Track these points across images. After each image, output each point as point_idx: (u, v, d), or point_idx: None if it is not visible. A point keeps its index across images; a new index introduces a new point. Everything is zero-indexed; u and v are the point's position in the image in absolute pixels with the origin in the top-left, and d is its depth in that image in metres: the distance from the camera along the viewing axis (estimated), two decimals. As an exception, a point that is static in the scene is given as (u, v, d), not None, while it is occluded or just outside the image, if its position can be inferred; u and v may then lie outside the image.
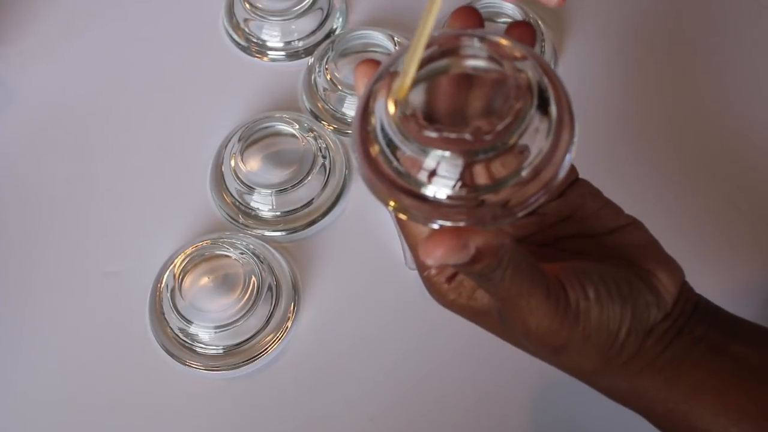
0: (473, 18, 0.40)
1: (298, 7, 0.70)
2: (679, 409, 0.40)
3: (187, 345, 0.58)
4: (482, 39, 0.36)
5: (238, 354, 0.59)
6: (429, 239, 0.35)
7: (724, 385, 0.40)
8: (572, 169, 0.43)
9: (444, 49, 0.36)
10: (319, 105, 0.67)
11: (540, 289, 0.38)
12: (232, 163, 0.63)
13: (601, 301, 0.39)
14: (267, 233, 0.63)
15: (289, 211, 0.63)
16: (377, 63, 0.38)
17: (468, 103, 0.36)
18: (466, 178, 0.34)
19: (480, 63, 0.36)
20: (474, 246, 0.35)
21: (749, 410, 0.40)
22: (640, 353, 0.40)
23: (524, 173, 0.34)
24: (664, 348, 0.40)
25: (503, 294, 0.38)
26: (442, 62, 0.36)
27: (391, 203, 0.35)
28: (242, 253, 0.59)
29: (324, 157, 0.64)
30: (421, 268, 0.42)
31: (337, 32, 0.71)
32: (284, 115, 0.65)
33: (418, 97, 0.35)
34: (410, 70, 0.35)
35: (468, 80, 0.36)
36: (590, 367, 0.40)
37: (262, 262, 0.59)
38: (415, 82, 0.35)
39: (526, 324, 0.38)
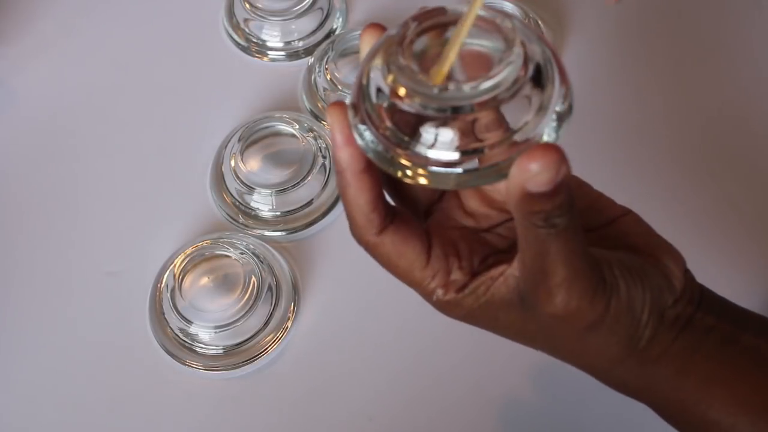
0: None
1: (298, 7, 0.70)
2: (690, 399, 0.40)
3: (187, 345, 0.58)
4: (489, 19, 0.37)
5: (238, 354, 0.59)
6: (522, 157, 0.34)
7: (736, 375, 0.40)
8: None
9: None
10: (319, 105, 0.67)
11: (585, 256, 0.37)
12: (232, 163, 0.63)
13: (627, 280, 0.39)
14: (267, 233, 0.63)
15: (289, 211, 0.63)
16: (383, 28, 0.39)
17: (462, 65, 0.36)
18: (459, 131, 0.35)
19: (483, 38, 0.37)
20: (563, 172, 0.34)
21: (759, 401, 0.40)
22: (655, 339, 0.40)
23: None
24: (676, 336, 0.40)
25: (553, 249, 0.36)
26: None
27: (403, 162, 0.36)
28: (242, 253, 0.59)
29: (324, 157, 0.64)
30: (428, 294, 0.41)
31: (337, 32, 0.71)
32: (284, 115, 0.65)
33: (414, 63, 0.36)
34: (450, 56, 0.36)
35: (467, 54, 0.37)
36: (614, 353, 0.40)
37: (262, 262, 0.59)
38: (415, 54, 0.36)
39: (558, 298, 0.37)
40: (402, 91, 0.35)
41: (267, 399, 0.58)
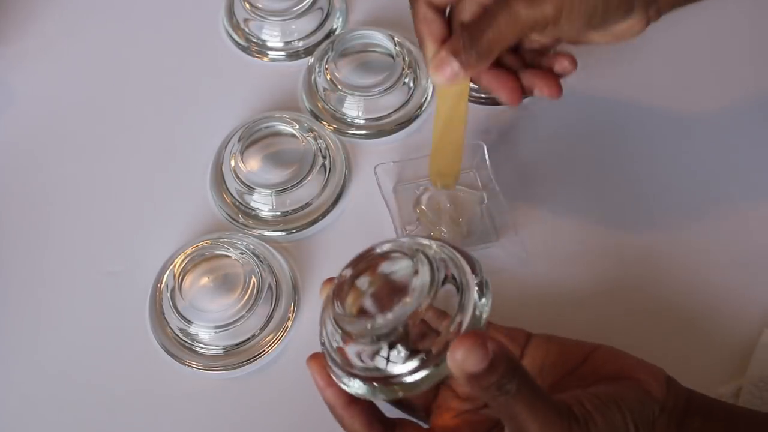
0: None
1: (298, 7, 0.70)
2: None
3: (187, 345, 0.58)
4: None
5: (238, 354, 0.59)
6: (449, 350, 0.39)
7: None
8: (521, 333, 0.49)
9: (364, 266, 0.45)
10: (319, 105, 0.67)
11: (548, 405, 0.40)
12: (232, 163, 0.63)
13: (600, 409, 0.42)
14: (267, 233, 0.63)
15: (289, 211, 0.63)
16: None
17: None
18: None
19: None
20: (491, 348, 0.39)
21: None
22: None
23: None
24: None
25: (517, 410, 0.40)
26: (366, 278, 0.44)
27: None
28: (242, 253, 0.59)
29: (324, 157, 0.64)
30: None
31: (337, 32, 0.71)
32: (284, 115, 0.65)
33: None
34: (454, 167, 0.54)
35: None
36: None
37: (262, 262, 0.59)
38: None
39: None
40: (347, 336, 0.42)
41: (267, 399, 0.58)
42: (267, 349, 0.59)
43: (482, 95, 0.67)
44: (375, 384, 0.42)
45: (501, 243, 0.61)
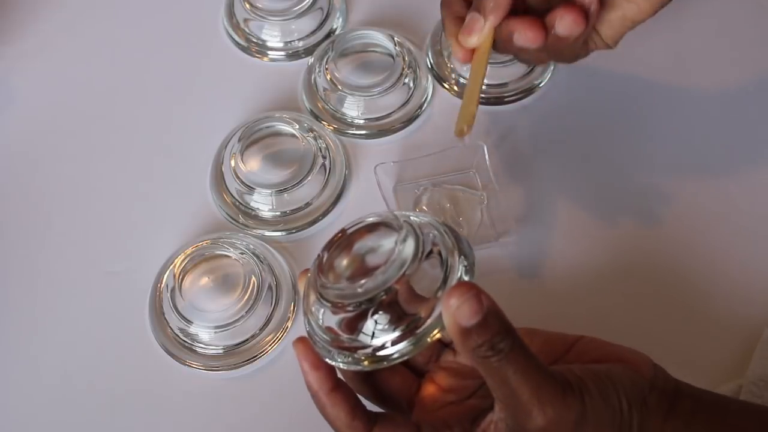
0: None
1: (298, 7, 0.70)
2: None
3: (187, 345, 0.58)
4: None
5: (238, 354, 0.59)
6: (443, 299, 0.39)
7: None
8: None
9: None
10: (319, 105, 0.67)
11: (542, 369, 0.40)
12: (232, 163, 0.63)
13: (593, 380, 0.41)
14: (267, 233, 0.63)
15: (289, 211, 0.63)
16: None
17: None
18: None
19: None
20: (485, 302, 0.38)
21: None
22: (646, 425, 0.42)
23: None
24: (665, 418, 0.42)
25: (509, 373, 0.39)
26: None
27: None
28: (242, 253, 0.59)
29: (324, 157, 0.64)
30: None
31: (337, 32, 0.71)
32: (284, 115, 0.65)
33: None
34: (471, 104, 0.53)
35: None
36: None
37: (262, 262, 0.59)
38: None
39: (534, 412, 0.40)
40: (335, 306, 0.42)
41: (267, 399, 0.58)
42: (267, 349, 0.59)
43: (482, 95, 0.67)
44: (363, 354, 0.42)
45: (501, 243, 0.61)
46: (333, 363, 0.43)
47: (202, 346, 0.58)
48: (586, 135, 0.66)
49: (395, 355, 0.42)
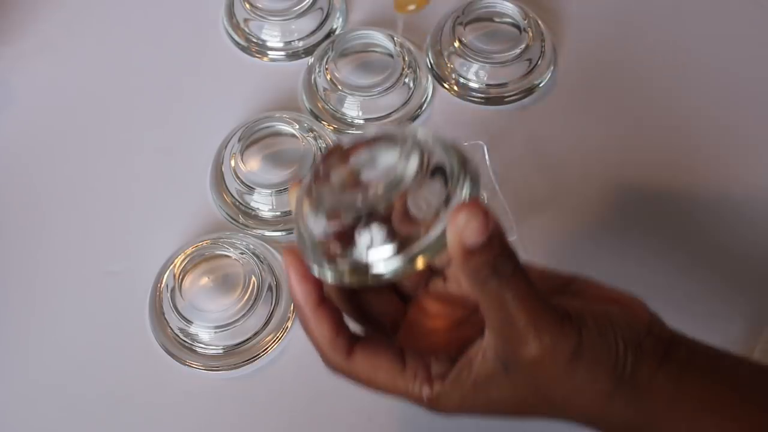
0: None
1: (298, 7, 0.70)
2: (682, 429, 0.41)
3: (187, 345, 0.58)
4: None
5: (238, 354, 0.59)
6: (449, 215, 0.38)
7: (722, 405, 0.41)
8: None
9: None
10: (319, 105, 0.67)
11: (540, 297, 0.39)
12: (232, 163, 0.63)
13: (592, 315, 0.40)
14: (267, 233, 0.63)
15: (289, 211, 0.63)
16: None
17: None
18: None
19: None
20: (491, 222, 0.37)
21: (748, 428, 0.41)
22: (639, 367, 0.41)
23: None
24: (660, 363, 0.41)
25: (508, 297, 0.38)
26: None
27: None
28: (242, 253, 0.59)
29: (324, 157, 0.64)
30: (417, 398, 0.43)
31: (337, 32, 0.71)
32: (284, 115, 0.65)
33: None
34: None
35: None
36: (604, 384, 0.40)
37: (262, 262, 0.59)
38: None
39: (530, 338, 0.39)
40: (331, 215, 0.40)
41: (267, 399, 0.58)
42: (267, 349, 0.59)
43: (482, 95, 0.67)
44: (354, 268, 0.40)
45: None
46: (321, 276, 0.41)
47: (202, 346, 0.58)
48: (586, 135, 0.66)
49: (386, 274, 0.40)
